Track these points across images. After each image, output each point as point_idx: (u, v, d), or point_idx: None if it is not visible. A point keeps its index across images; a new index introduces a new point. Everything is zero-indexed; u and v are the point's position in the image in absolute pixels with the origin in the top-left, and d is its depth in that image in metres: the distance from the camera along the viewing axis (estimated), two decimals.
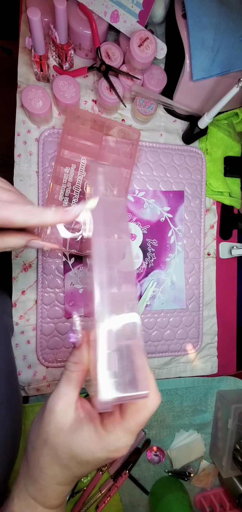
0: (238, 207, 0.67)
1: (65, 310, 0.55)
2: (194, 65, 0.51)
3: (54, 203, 0.50)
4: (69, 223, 0.41)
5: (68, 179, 0.52)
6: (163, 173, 0.60)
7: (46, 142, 0.54)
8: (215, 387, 0.65)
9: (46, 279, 0.54)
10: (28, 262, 0.54)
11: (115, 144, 0.55)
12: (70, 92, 0.51)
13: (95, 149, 0.52)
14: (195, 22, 0.50)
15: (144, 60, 0.50)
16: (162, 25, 0.60)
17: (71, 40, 0.52)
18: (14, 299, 0.54)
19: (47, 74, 0.53)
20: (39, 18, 0.43)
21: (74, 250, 0.51)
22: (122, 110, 0.60)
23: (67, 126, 0.50)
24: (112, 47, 0.54)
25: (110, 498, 0.59)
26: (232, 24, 0.52)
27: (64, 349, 0.56)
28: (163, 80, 0.57)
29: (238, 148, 0.66)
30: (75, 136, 0.52)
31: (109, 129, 0.53)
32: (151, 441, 0.62)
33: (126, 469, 0.59)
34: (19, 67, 0.54)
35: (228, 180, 0.65)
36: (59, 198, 0.51)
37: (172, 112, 0.62)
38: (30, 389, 0.55)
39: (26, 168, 0.54)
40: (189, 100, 0.58)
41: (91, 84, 0.58)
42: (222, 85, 0.54)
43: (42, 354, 0.55)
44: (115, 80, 0.54)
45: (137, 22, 0.53)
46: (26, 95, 0.49)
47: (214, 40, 0.51)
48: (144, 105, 0.56)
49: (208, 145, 0.63)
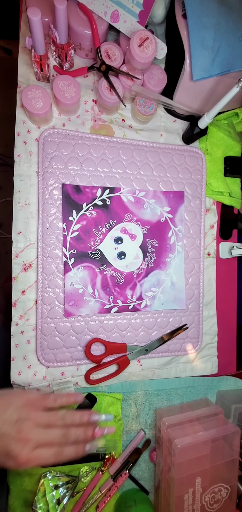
0: (238, 207, 0.67)
1: (65, 310, 0.55)
2: (194, 65, 0.51)
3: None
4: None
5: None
6: (163, 173, 0.60)
7: (46, 142, 0.54)
8: (215, 387, 0.65)
9: (46, 279, 0.54)
10: (28, 262, 0.54)
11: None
12: (70, 92, 0.51)
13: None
14: (195, 22, 0.50)
15: (144, 60, 0.50)
16: (162, 25, 0.60)
17: (71, 40, 0.52)
18: (14, 299, 0.54)
19: (47, 74, 0.53)
20: (39, 18, 0.43)
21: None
22: (122, 110, 0.60)
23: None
24: (113, 47, 0.54)
25: (110, 498, 0.59)
26: (232, 24, 0.52)
27: (64, 349, 0.56)
28: (163, 80, 0.57)
29: (238, 148, 0.66)
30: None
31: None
32: (151, 441, 0.62)
33: (126, 469, 0.59)
34: (19, 67, 0.54)
35: (228, 180, 0.65)
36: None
37: (172, 112, 0.62)
38: (30, 389, 0.55)
39: (26, 168, 0.54)
40: (189, 100, 0.58)
41: (91, 84, 0.58)
42: (222, 85, 0.54)
43: (42, 354, 0.55)
44: (116, 80, 0.54)
45: (137, 22, 0.53)
46: (26, 95, 0.49)
47: (214, 40, 0.51)
48: (144, 105, 0.56)
49: (208, 145, 0.63)
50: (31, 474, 0.55)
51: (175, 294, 0.61)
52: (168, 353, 0.61)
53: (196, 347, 0.63)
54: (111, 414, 0.56)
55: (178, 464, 0.51)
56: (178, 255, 0.61)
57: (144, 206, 0.59)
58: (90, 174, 0.56)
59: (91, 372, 0.56)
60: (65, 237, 0.55)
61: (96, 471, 0.59)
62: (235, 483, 0.56)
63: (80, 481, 0.58)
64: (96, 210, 0.56)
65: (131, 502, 0.58)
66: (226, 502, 0.56)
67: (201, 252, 0.63)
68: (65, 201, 0.54)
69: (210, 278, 0.65)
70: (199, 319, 0.63)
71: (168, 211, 0.60)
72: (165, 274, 0.60)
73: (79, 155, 0.55)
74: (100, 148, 0.56)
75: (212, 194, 0.64)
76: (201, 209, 0.63)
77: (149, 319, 0.60)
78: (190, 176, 0.62)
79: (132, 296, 0.58)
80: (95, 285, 0.56)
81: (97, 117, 0.58)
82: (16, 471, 0.55)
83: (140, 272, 0.59)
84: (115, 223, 0.57)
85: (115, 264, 0.57)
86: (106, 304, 0.57)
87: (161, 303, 0.60)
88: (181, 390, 0.63)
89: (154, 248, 0.60)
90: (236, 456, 0.55)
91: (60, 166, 0.54)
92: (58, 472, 0.56)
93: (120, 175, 0.57)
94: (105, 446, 0.57)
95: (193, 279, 0.62)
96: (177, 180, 0.61)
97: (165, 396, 0.62)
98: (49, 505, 0.53)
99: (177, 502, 0.52)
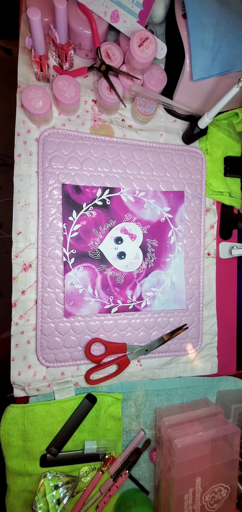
0: (238, 207, 0.67)
1: (65, 310, 0.55)
2: (194, 65, 0.51)
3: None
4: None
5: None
6: (163, 173, 0.60)
7: (46, 142, 0.54)
8: (215, 387, 0.65)
9: (46, 279, 0.54)
10: (28, 262, 0.54)
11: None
12: (70, 92, 0.51)
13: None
14: (195, 22, 0.50)
15: (144, 60, 0.50)
16: (162, 25, 0.60)
17: (71, 40, 0.52)
18: (14, 299, 0.54)
19: (47, 74, 0.53)
20: (39, 18, 0.43)
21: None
22: (122, 110, 0.60)
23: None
24: (112, 47, 0.54)
25: (110, 498, 0.59)
26: (232, 24, 0.52)
27: (64, 349, 0.56)
28: (163, 80, 0.57)
29: (238, 148, 0.66)
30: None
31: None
32: (151, 441, 0.62)
33: (126, 469, 0.59)
34: (19, 67, 0.54)
35: (228, 180, 0.65)
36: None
37: (172, 112, 0.62)
38: (30, 389, 0.55)
39: (26, 168, 0.54)
40: (189, 100, 0.58)
41: (91, 84, 0.58)
42: (222, 85, 0.54)
43: (42, 354, 0.55)
44: (115, 80, 0.54)
45: (137, 22, 0.53)
46: (26, 95, 0.49)
47: (214, 40, 0.51)
48: (144, 105, 0.56)
49: (208, 145, 0.63)
50: (31, 474, 0.55)
51: (175, 294, 0.61)
52: (168, 353, 0.61)
53: (196, 347, 0.63)
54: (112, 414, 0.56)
55: (178, 464, 0.51)
56: (178, 255, 0.61)
57: (144, 206, 0.59)
58: (90, 174, 0.56)
59: (91, 372, 0.56)
60: (65, 237, 0.55)
61: (96, 471, 0.59)
62: (235, 483, 0.56)
63: (80, 481, 0.58)
64: (96, 210, 0.56)
65: (131, 502, 0.58)
66: (226, 502, 0.56)
67: (201, 252, 0.63)
68: (65, 201, 0.54)
69: (210, 278, 0.65)
70: (199, 319, 0.63)
71: (168, 211, 0.60)
72: (165, 274, 0.60)
73: (79, 155, 0.55)
74: (100, 148, 0.56)
75: (212, 194, 0.64)
76: (201, 209, 0.63)
77: (149, 319, 0.60)
78: (190, 176, 0.62)
79: (132, 296, 0.58)
80: (95, 285, 0.56)
81: (97, 117, 0.58)
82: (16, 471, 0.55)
83: (140, 272, 0.59)
84: (115, 223, 0.57)
85: (115, 264, 0.57)
86: (106, 304, 0.57)
87: (161, 303, 0.60)
88: (181, 390, 0.63)
89: (154, 248, 0.60)
90: (236, 456, 0.55)
91: (60, 166, 0.54)
92: (58, 472, 0.56)
93: (120, 175, 0.57)
94: (105, 446, 0.57)
95: (193, 279, 0.62)
96: (177, 180, 0.61)
97: (165, 396, 0.62)
98: (49, 505, 0.53)
99: (177, 502, 0.52)
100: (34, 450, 0.55)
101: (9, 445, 0.54)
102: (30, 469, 0.55)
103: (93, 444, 0.57)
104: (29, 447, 0.54)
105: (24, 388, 0.55)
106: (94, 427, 0.58)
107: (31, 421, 0.54)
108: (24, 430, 0.54)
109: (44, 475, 0.55)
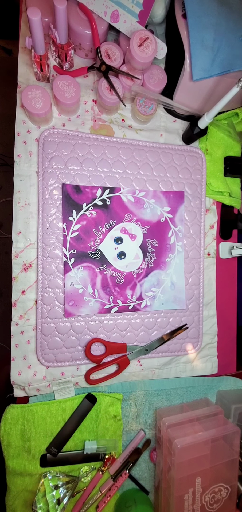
0: (238, 207, 0.67)
1: (65, 310, 0.55)
2: (194, 65, 0.51)
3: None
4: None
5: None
6: (163, 173, 0.60)
7: (46, 142, 0.54)
8: (215, 387, 0.65)
9: (46, 279, 0.54)
10: (28, 262, 0.54)
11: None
12: (70, 92, 0.51)
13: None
14: (195, 22, 0.50)
15: (144, 60, 0.50)
16: (162, 25, 0.60)
17: (71, 40, 0.52)
18: (14, 299, 0.54)
19: (47, 74, 0.53)
20: (39, 18, 0.43)
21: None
22: (122, 110, 0.60)
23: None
24: (112, 47, 0.54)
25: (110, 498, 0.59)
26: (232, 24, 0.52)
27: (64, 349, 0.56)
28: (163, 80, 0.57)
29: (238, 148, 0.66)
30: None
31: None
32: (151, 441, 0.62)
33: (126, 469, 0.59)
34: (19, 67, 0.54)
35: (228, 180, 0.65)
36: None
37: (172, 112, 0.62)
38: (30, 389, 0.55)
39: (26, 168, 0.54)
40: (189, 100, 0.58)
41: (91, 84, 0.58)
42: (222, 85, 0.54)
43: (42, 354, 0.55)
44: (115, 80, 0.54)
45: (137, 22, 0.53)
46: (26, 95, 0.49)
47: (214, 40, 0.51)
48: (144, 105, 0.56)
49: (208, 145, 0.63)
50: (31, 474, 0.55)
51: (175, 294, 0.61)
52: (168, 353, 0.61)
53: (196, 347, 0.63)
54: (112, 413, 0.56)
55: (178, 464, 0.51)
56: (178, 255, 0.61)
57: (144, 206, 0.59)
58: (90, 174, 0.56)
59: (91, 372, 0.56)
60: (65, 237, 0.55)
61: (96, 471, 0.59)
62: (235, 483, 0.56)
63: (80, 481, 0.58)
64: (96, 210, 0.56)
65: (131, 502, 0.58)
66: (226, 502, 0.56)
67: (201, 252, 0.63)
68: (65, 201, 0.54)
69: (210, 278, 0.65)
70: (199, 319, 0.63)
71: (168, 211, 0.60)
72: (165, 274, 0.60)
73: (79, 155, 0.55)
74: (100, 148, 0.56)
75: (212, 194, 0.64)
76: (201, 209, 0.63)
77: (149, 319, 0.60)
78: (190, 176, 0.62)
79: (132, 296, 0.58)
80: (95, 285, 0.56)
81: (97, 117, 0.58)
82: (16, 471, 0.55)
83: (140, 272, 0.59)
84: (115, 223, 0.57)
85: (115, 264, 0.57)
86: (106, 304, 0.57)
87: (161, 303, 0.60)
88: (181, 390, 0.63)
89: (154, 248, 0.60)
90: (236, 456, 0.55)
91: (60, 166, 0.54)
92: (58, 472, 0.56)
93: (120, 175, 0.58)
94: (105, 446, 0.57)
95: (193, 279, 0.62)
96: (177, 180, 0.61)
97: (165, 396, 0.62)
98: (49, 505, 0.53)
99: (177, 502, 0.52)
100: (34, 450, 0.55)
101: (9, 445, 0.54)
102: (30, 469, 0.55)
103: (93, 444, 0.57)
104: (29, 447, 0.54)
105: (24, 388, 0.55)
106: (94, 427, 0.58)
107: (31, 421, 0.54)
108: (24, 430, 0.54)
109: (44, 475, 0.55)
